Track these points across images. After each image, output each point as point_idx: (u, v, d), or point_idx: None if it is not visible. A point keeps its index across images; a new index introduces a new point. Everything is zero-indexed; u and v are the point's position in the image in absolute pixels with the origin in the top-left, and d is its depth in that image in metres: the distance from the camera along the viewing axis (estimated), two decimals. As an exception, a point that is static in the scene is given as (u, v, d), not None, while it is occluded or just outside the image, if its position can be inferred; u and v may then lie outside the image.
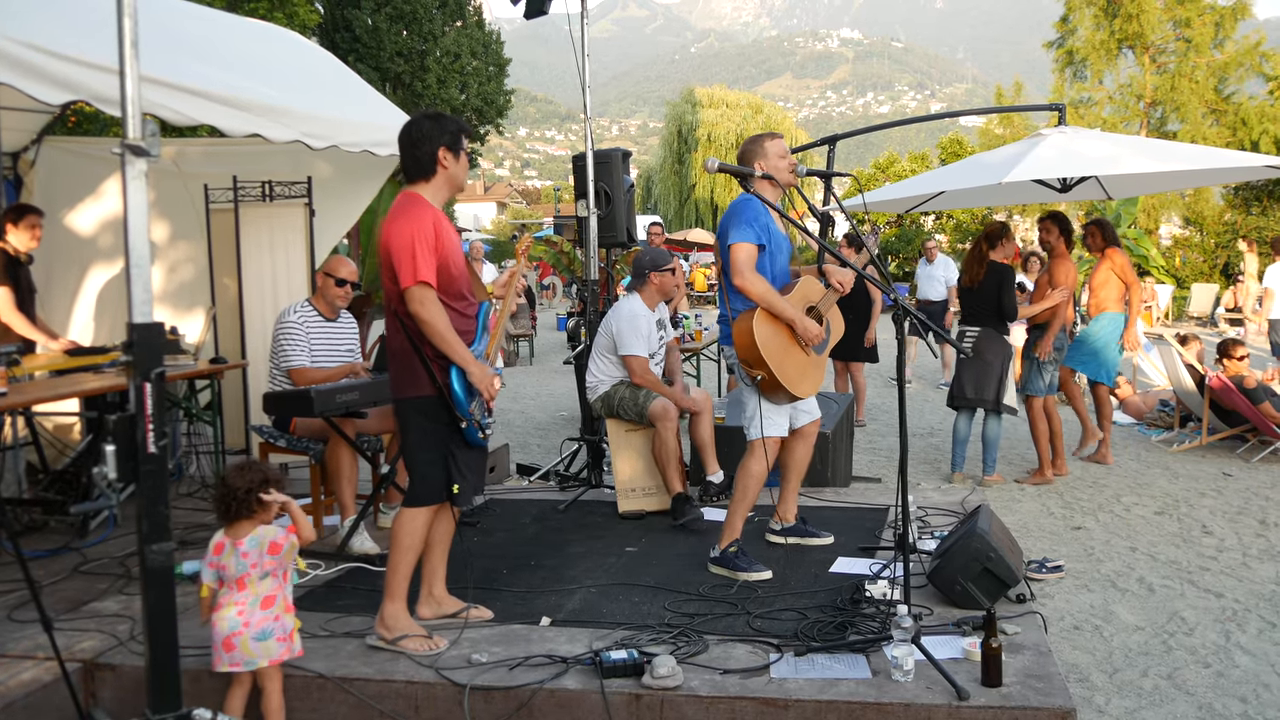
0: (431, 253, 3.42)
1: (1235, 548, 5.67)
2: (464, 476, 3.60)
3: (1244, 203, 27.67)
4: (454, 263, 3.54)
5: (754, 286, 4.18)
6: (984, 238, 7.11)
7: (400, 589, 3.59)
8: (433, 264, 3.42)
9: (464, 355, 3.46)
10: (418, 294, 3.38)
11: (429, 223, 3.45)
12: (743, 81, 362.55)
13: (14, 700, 3.21)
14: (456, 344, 3.43)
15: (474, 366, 3.48)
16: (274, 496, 3.22)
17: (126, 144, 2.61)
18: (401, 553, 3.58)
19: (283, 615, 3.25)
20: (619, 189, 6.48)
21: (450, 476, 3.58)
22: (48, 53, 3.86)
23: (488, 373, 3.53)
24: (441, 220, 3.52)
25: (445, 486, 3.58)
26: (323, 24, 26.99)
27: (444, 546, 3.86)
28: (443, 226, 3.51)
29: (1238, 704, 3.73)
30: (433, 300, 3.40)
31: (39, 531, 5.25)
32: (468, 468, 3.62)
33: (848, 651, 3.44)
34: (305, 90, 5.70)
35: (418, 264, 3.38)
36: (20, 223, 5.69)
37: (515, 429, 9.85)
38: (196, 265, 7.00)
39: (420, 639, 3.56)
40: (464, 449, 3.60)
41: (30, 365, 5.27)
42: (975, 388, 7.02)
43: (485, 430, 3.60)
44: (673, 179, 45.44)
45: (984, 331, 6.97)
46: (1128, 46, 30.45)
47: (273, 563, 3.22)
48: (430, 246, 3.41)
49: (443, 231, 3.49)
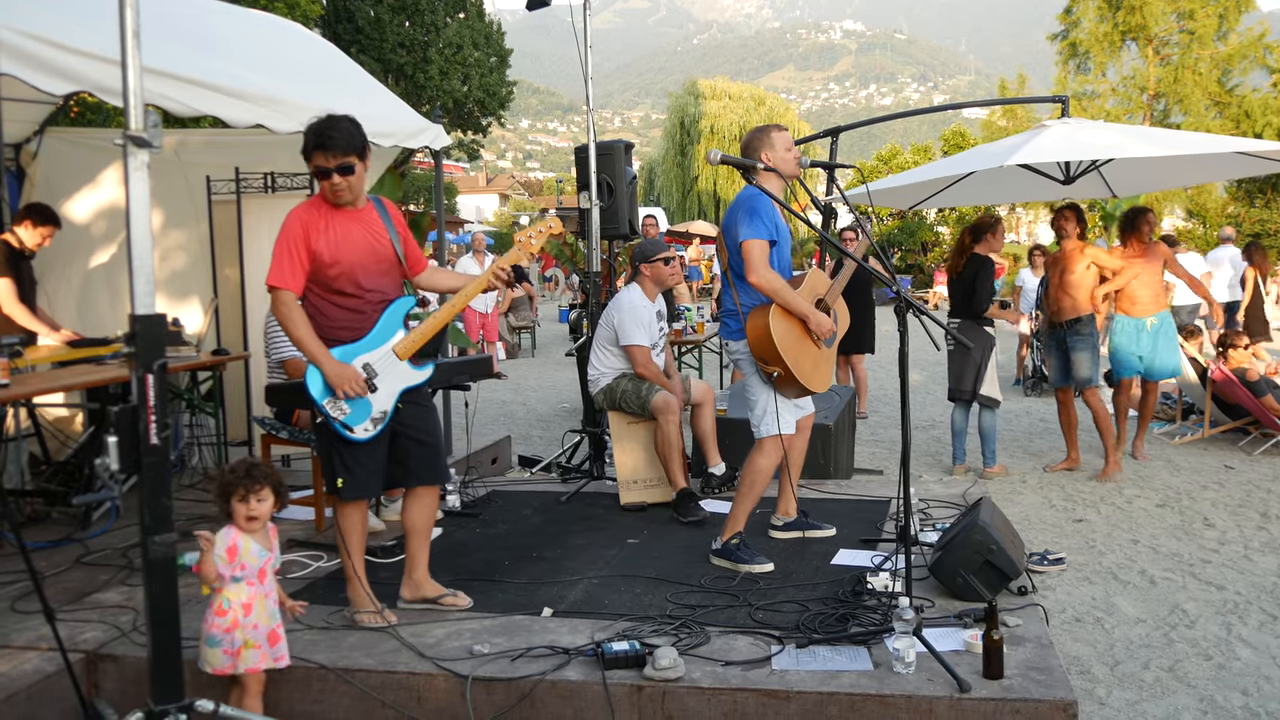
0: (294, 255, 3.56)
1: (1237, 540, 5.67)
2: (348, 470, 3.64)
3: (1246, 195, 27.63)
4: (339, 259, 3.60)
5: (769, 283, 4.17)
6: (969, 230, 7.16)
7: (349, 573, 3.74)
8: (295, 266, 3.56)
9: (316, 353, 3.56)
10: (273, 295, 3.60)
11: (296, 225, 3.58)
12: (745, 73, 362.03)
13: (17, 691, 3.21)
14: (308, 340, 3.56)
15: (327, 364, 3.55)
16: (202, 534, 3.13)
17: (128, 135, 2.61)
18: (339, 544, 3.75)
19: (260, 623, 3.19)
20: (621, 181, 6.47)
21: (334, 470, 3.65)
22: (50, 43, 3.85)
23: (345, 370, 3.56)
24: (320, 220, 3.60)
25: (331, 480, 3.67)
26: (325, 15, 26.92)
27: (422, 534, 3.92)
28: (320, 226, 3.59)
29: (1239, 696, 3.73)
30: (283, 301, 3.56)
31: (41, 523, 5.26)
32: (355, 463, 3.65)
33: (849, 643, 3.44)
34: (307, 81, 5.69)
35: (271, 267, 3.57)
36: (38, 226, 5.71)
37: (517, 421, 9.86)
38: (190, 253, 7.00)
39: (369, 613, 3.72)
40: (345, 444, 3.63)
41: (32, 357, 5.28)
42: (956, 378, 7.12)
43: (353, 427, 3.60)
44: (675, 171, 45.33)
45: (964, 323, 7.02)
46: (1131, 38, 30.40)
47: (238, 568, 3.17)
48: (295, 250, 3.56)
49: (319, 231, 3.58)
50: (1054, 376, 7.36)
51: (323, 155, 3.53)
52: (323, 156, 3.53)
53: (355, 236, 3.65)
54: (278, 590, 3.31)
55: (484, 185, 75.72)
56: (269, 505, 3.24)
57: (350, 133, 3.55)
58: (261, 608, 3.19)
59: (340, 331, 3.64)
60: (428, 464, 3.85)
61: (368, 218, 3.71)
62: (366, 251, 3.67)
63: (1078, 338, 7.07)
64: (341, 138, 3.52)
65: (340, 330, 3.64)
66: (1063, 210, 7.24)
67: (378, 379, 3.65)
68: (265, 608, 3.20)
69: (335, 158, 3.52)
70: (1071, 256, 7.07)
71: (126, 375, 2.77)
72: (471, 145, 35.52)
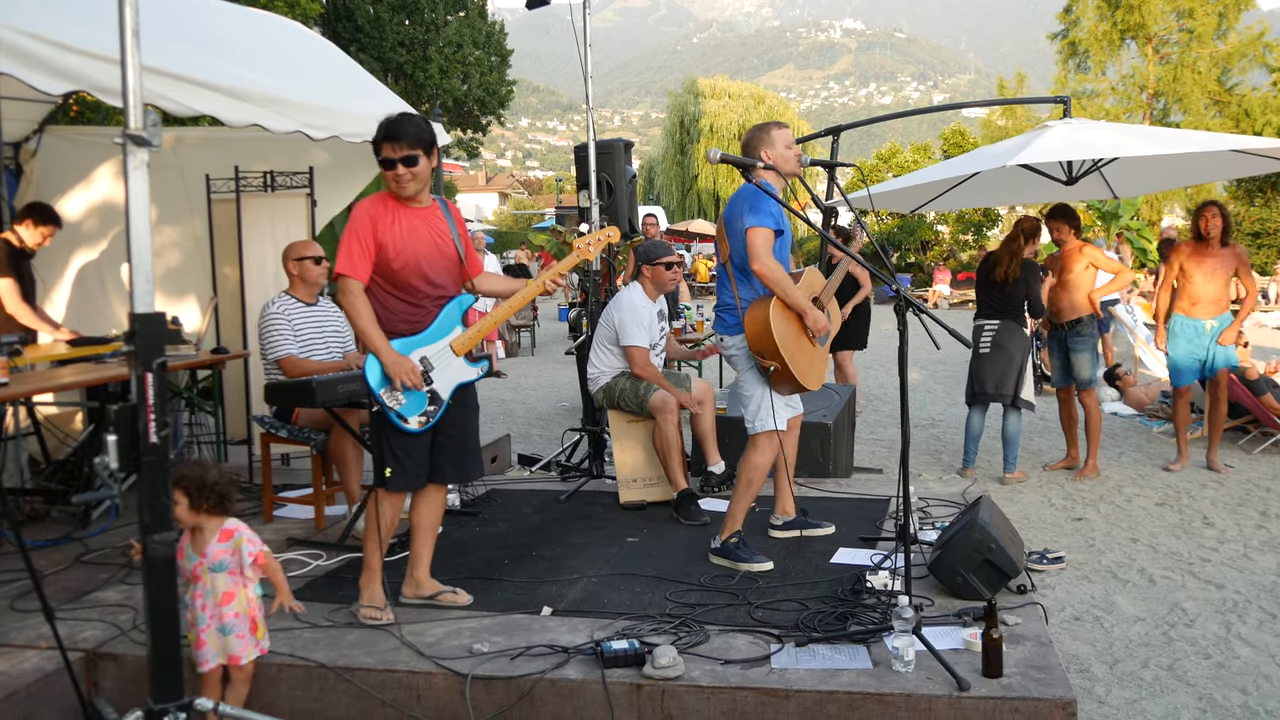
0: (364, 246, 3.62)
1: (1236, 539, 5.67)
2: (398, 461, 3.70)
3: (1246, 194, 27.63)
4: (403, 253, 3.67)
5: (772, 272, 4.16)
6: (1023, 232, 6.96)
7: (371, 563, 3.78)
8: (363, 256, 3.62)
9: (376, 342, 3.60)
10: (340, 284, 3.65)
11: (365, 217, 3.65)
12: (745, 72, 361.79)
13: (16, 690, 3.22)
14: (370, 331, 3.61)
15: (386, 354, 3.60)
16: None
17: (128, 134, 2.61)
18: (368, 532, 3.80)
19: (243, 614, 3.25)
20: (621, 180, 6.47)
21: (384, 459, 3.71)
22: (48, 42, 3.85)
23: (403, 362, 3.62)
24: (388, 215, 3.67)
25: (380, 468, 3.72)
26: (324, 13, 26.88)
27: (428, 532, 3.95)
28: (388, 221, 3.66)
29: (1238, 695, 3.73)
30: (352, 290, 3.61)
31: (41, 521, 5.26)
32: (404, 453, 3.71)
33: (849, 642, 3.45)
34: (306, 80, 5.68)
35: (340, 256, 3.62)
36: (39, 225, 5.72)
37: (517, 419, 9.86)
38: (184, 251, 6.99)
39: (373, 609, 3.74)
40: (398, 434, 3.69)
41: (32, 355, 5.28)
42: (996, 383, 6.95)
43: (407, 418, 3.66)
44: (675, 170, 45.31)
45: (1004, 324, 6.91)
46: (1130, 37, 30.40)
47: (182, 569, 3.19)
48: (363, 241, 3.62)
49: (387, 225, 3.66)
50: (1055, 376, 7.35)
51: (390, 146, 3.62)
52: (390, 147, 3.62)
53: (420, 233, 3.73)
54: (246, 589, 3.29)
55: (483, 184, 75.56)
56: (180, 509, 3.18)
57: (420, 127, 3.65)
58: (194, 610, 3.23)
59: (399, 324, 3.70)
60: (464, 462, 3.94)
61: (432, 216, 3.80)
62: (431, 248, 3.75)
63: (1078, 339, 7.06)
64: (410, 130, 3.63)
65: (399, 323, 3.70)
66: (1051, 221, 7.14)
67: (434, 373, 3.72)
68: (194, 611, 3.23)
69: (401, 149, 3.61)
70: (1071, 257, 7.06)
71: (126, 374, 2.77)
72: (471, 144, 35.48)
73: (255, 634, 3.29)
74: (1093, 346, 7.08)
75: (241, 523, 3.34)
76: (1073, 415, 7.36)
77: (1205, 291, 7.07)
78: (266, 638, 3.36)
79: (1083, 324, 7.03)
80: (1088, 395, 7.11)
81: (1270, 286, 22.78)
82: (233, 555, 3.25)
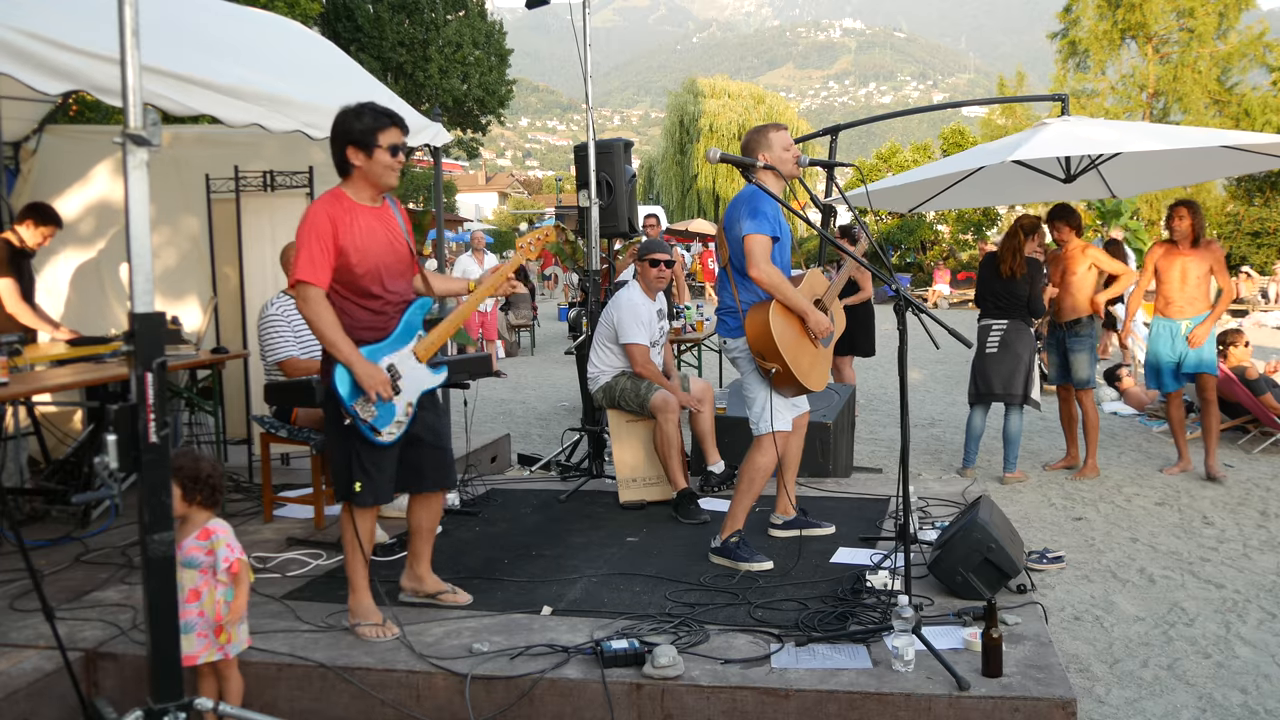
0: (324, 250, 3.42)
1: (1236, 539, 5.67)
2: (367, 475, 3.55)
3: (1246, 194, 27.61)
4: (364, 258, 3.50)
5: (770, 277, 4.17)
6: (1022, 229, 6.94)
7: (356, 582, 3.65)
8: (324, 260, 3.42)
9: (347, 353, 3.44)
10: (299, 291, 3.44)
11: (324, 219, 3.44)
12: (745, 72, 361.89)
13: (16, 689, 3.22)
14: (338, 340, 3.43)
15: (359, 365, 3.44)
16: None
17: (128, 133, 2.61)
18: (347, 551, 3.65)
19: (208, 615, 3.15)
20: (620, 179, 6.47)
21: (352, 474, 3.55)
22: (47, 41, 3.84)
23: (377, 373, 3.48)
24: (346, 216, 3.49)
25: (347, 484, 3.56)
26: (324, 13, 26.87)
27: (428, 534, 3.92)
28: (347, 222, 3.48)
29: (1238, 694, 3.73)
30: (313, 298, 3.42)
31: (40, 521, 5.26)
32: (374, 466, 3.57)
33: (848, 641, 3.45)
34: (306, 80, 5.68)
35: (300, 261, 3.42)
36: (40, 226, 5.72)
37: (517, 419, 9.86)
38: (181, 250, 6.99)
39: (373, 626, 3.59)
40: (368, 447, 3.55)
41: (32, 355, 5.28)
42: (1004, 382, 6.92)
43: (380, 430, 3.53)
44: (675, 169, 45.34)
45: (1012, 324, 6.90)
46: (1130, 37, 30.39)
47: None
48: (323, 244, 3.42)
49: (346, 227, 3.47)
50: (1054, 375, 7.35)
51: (400, 132, 3.54)
52: (400, 133, 3.54)
53: (379, 235, 3.57)
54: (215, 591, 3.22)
55: (483, 183, 75.63)
56: None
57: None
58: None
59: (363, 332, 3.54)
60: (440, 468, 3.81)
61: (386, 215, 3.65)
62: (388, 251, 3.59)
63: (1077, 339, 7.05)
64: (405, 121, 3.59)
65: (363, 331, 3.54)
66: (1052, 222, 7.12)
67: (401, 380, 3.59)
68: None
69: (404, 137, 3.57)
70: (1073, 257, 7.05)
71: (125, 373, 2.77)
72: (471, 143, 35.46)
73: (219, 637, 3.17)
74: (1091, 347, 7.08)
75: (227, 526, 3.25)
76: (1072, 414, 7.36)
77: (1179, 292, 6.99)
78: (242, 643, 3.24)
79: (1082, 324, 7.03)
80: (1085, 395, 7.10)
81: (1270, 286, 22.76)
82: (207, 555, 3.16)
